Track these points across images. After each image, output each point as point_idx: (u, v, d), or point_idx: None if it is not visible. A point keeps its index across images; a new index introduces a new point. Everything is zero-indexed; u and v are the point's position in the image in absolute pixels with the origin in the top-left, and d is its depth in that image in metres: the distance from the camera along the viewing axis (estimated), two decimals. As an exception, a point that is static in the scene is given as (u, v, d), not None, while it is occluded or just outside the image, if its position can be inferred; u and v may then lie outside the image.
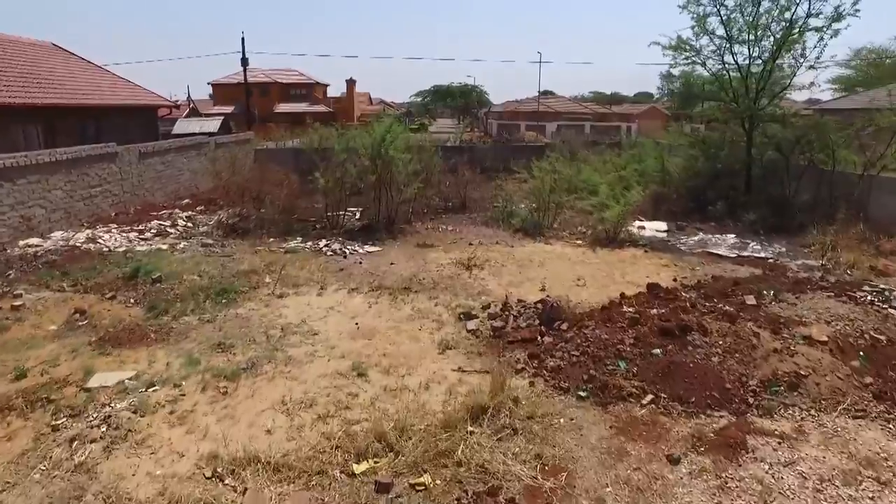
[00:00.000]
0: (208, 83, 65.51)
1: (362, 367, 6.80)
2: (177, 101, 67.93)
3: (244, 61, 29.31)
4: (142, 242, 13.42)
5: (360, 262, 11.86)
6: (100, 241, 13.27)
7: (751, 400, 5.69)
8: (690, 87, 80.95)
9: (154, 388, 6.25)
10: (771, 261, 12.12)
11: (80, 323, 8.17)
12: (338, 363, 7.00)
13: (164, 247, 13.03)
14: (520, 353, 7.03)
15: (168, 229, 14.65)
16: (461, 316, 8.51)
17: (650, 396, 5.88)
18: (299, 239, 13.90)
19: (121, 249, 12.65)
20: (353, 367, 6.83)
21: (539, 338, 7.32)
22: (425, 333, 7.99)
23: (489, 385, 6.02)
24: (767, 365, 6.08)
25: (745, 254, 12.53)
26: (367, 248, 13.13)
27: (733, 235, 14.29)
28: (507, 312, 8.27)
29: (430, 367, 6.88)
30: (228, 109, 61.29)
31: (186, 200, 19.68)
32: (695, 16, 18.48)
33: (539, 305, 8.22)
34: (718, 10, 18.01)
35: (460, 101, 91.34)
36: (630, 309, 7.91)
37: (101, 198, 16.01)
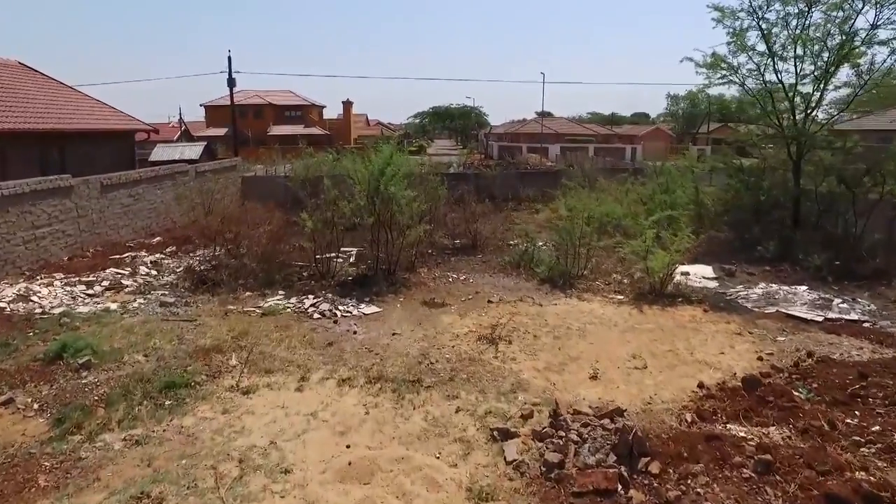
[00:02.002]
0: (200, 105, 63.78)
1: (354, 556, 4.33)
2: (171, 122, 65.96)
3: (231, 82, 27.15)
4: (87, 300, 10.97)
5: (355, 332, 9.41)
6: (34, 298, 10.81)
7: None
8: (696, 108, 79.02)
9: None
10: (867, 325, 9.72)
11: (-53, 453, 5.69)
12: (316, 541, 4.52)
13: (114, 306, 10.59)
14: (596, 520, 4.57)
15: (124, 280, 12.20)
16: (495, 434, 6.05)
17: None
18: (281, 294, 11.47)
19: (57, 310, 10.19)
20: (341, 552, 4.36)
21: (620, 489, 4.87)
22: (446, 467, 5.52)
23: None
24: None
25: (832, 315, 10.11)
26: (363, 307, 10.69)
27: (805, 287, 11.90)
28: (560, 432, 5.81)
29: (460, 550, 4.41)
30: (221, 132, 59.46)
31: (158, 238, 17.26)
32: (731, 31, 16.41)
33: (608, 423, 5.77)
34: (759, 23, 15.92)
35: (459, 122, 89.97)
36: (741, 430, 5.49)
37: (49, 240, 13.58)
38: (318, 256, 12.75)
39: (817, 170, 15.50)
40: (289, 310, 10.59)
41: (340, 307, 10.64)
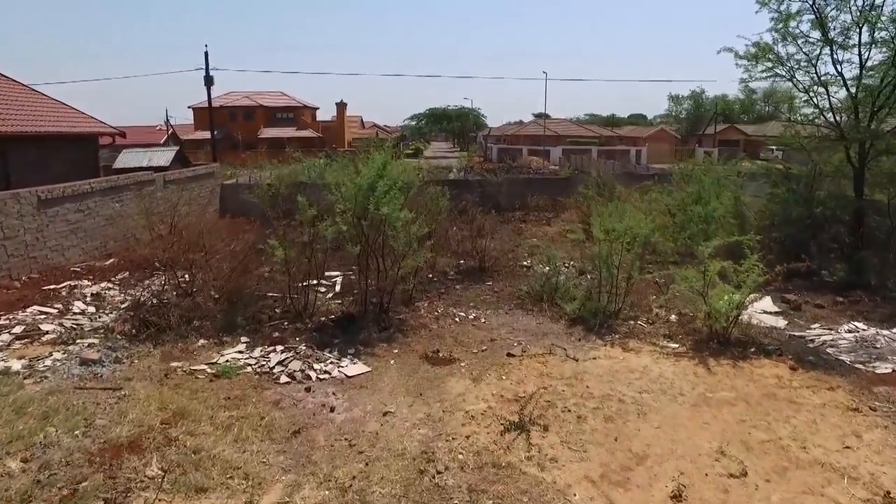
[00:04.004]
0: (188, 107, 61.29)
1: None
2: (158, 126, 63.30)
3: (208, 79, 24.65)
4: (-12, 355, 8.46)
5: (332, 408, 6.93)
6: (-83, 355, 8.30)
7: None
8: (700, 109, 77.07)
9: None
10: None
11: None
12: None
13: (18, 365, 8.07)
14: None
15: (46, 324, 9.67)
16: None
17: None
18: (243, 343, 8.99)
19: (-61, 375, 7.69)
20: None
21: None
22: None
23: None
24: None
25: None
26: (346, 365, 8.20)
27: (910, 332, 9.47)
28: None
29: None
30: (210, 134, 57.00)
31: (112, 260, 14.76)
32: (776, 15, 14.06)
33: None
34: (812, 6, 13.55)
35: (457, 124, 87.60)
36: None
37: (-37, 270, 11.08)
38: (294, 287, 10.29)
39: (890, 178, 13.12)
40: (249, 369, 8.11)
41: (316, 365, 8.16)
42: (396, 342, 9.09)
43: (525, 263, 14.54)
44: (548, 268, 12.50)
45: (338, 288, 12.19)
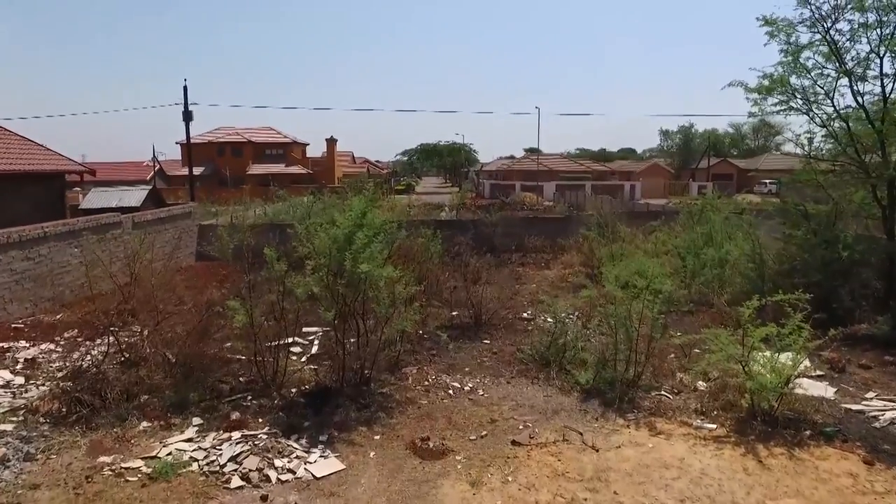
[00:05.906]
0: (176, 143, 60.44)
1: None
2: (146, 163, 62.13)
3: (186, 115, 23.45)
4: None
5: (291, 533, 5.36)
6: None
7: None
8: (690, 143, 76.61)
9: None
10: None
11: None
12: None
13: None
14: None
15: (-43, 403, 8.07)
16: None
17: None
18: (194, 427, 7.41)
19: None
20: None
21: None
22: None
23: None
24: None
25: None
26: (316, 460, 6.62)
27: None
28: None
29: None
30: (197, 171, 55.82)
31: (62, 314, 13.17)
32: (787, 48, 13.09)
33: None
34: (825, 37, 12.58)
35: (448, 159, 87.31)
36: None
37: None
38: (262, 349, 8.72)
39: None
40: (195, 465, 6.53)
41: (278, 461, 6.58)
42: (378, 424, 7.55)
43: (526, 315, 13.11)
44: (551, 320, 11.06)
45: (315, 349, 10.67)
